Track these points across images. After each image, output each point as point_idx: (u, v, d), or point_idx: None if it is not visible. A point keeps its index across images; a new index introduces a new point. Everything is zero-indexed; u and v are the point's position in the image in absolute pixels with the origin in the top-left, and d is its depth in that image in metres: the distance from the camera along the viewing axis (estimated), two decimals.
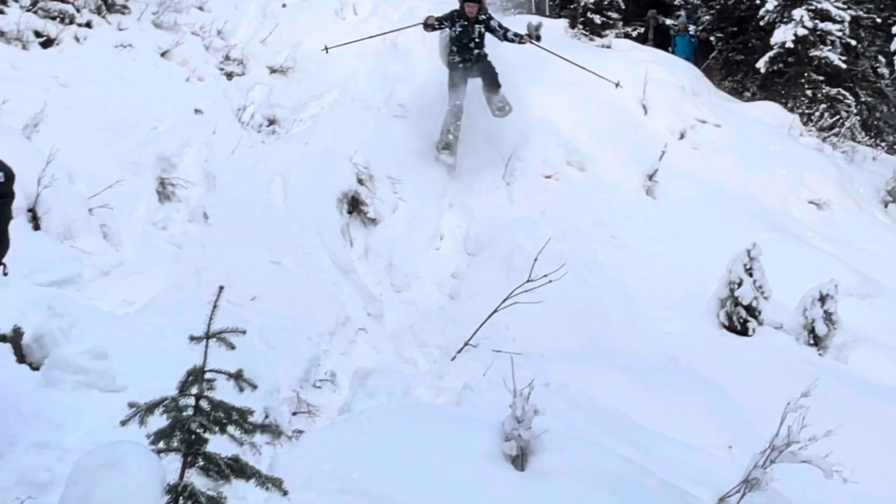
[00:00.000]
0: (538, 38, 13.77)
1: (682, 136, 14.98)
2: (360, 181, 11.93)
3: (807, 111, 19.10)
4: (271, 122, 12.67)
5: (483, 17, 12.94)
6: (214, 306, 3.77)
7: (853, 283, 11.56)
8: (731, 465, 6.81)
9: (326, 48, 13.09)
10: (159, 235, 9.53)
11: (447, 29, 12.96)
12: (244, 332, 3.86)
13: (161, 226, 9.71)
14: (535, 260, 9.35)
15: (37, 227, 8.16)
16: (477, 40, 12.93)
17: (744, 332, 10.62)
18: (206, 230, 10.00)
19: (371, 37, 13.79)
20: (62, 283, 7.47)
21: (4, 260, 5.26)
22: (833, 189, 14.85)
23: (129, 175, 9.64)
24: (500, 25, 13.06)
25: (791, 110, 18.46)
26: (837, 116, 19.00)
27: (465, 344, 9.18)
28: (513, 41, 13.04)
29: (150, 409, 3.72)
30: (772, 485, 5.92)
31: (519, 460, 5.79)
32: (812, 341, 10.40)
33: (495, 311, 9.30)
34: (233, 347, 3.78)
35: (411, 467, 5.67)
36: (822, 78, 20.12)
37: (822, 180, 14.93)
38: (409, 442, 6.06)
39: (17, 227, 7.68)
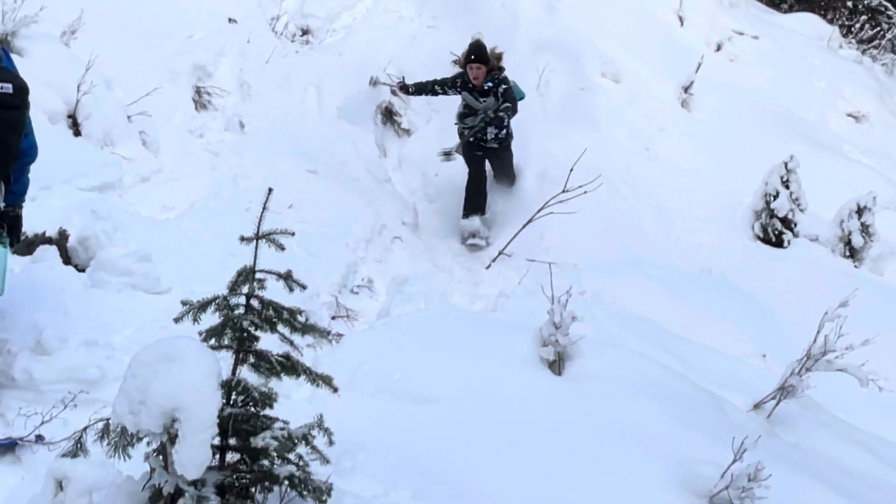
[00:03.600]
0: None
1: (718, 48, 14.80)
2: (393, 92, 11.88)
3: (847, 23, 18.74)
4: (305, 32, 12.62)
5: (491, 84, 10.10)
6: (264, 207, 3.80)
7: (891, 195, 11.48)
8: (766, 373, 6.89)
9: None
10: (196, 143, 9.56)
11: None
12: (293, 234, 3.91)
13: (198, 134, 9.75)
14: (571, 171, 9.33)
15: (77, 134, 8.21)
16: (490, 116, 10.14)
17: (779, 243, 10.62)
18: (242, 138, 10.04)
19: None
20: (104, 189, 7.53)
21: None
22: (872, 102, 14.67)
23: (166, 83, 9.65)
24: (508, 94, 10.09)
25: (830, 22, 18.12)
26: (878, 28, 18.65)
27: (500, 253, 9.24)
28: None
29: (202, 306, 3.79)
30: (807, 392, 5.98)
31: (556, 365, 5.86)
32: (848, 253, 10.39)
33: (530, 220, 9.33)
34: (282, 248, 3.83)
35: (450, 370, 5.75)
36: None
37: (860, 93, 14.75)
38: (448, 346, 6.15)
39: (58, 132, 7.81)
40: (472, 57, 10.01)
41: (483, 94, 10.10)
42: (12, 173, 5.04)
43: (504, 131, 10.32)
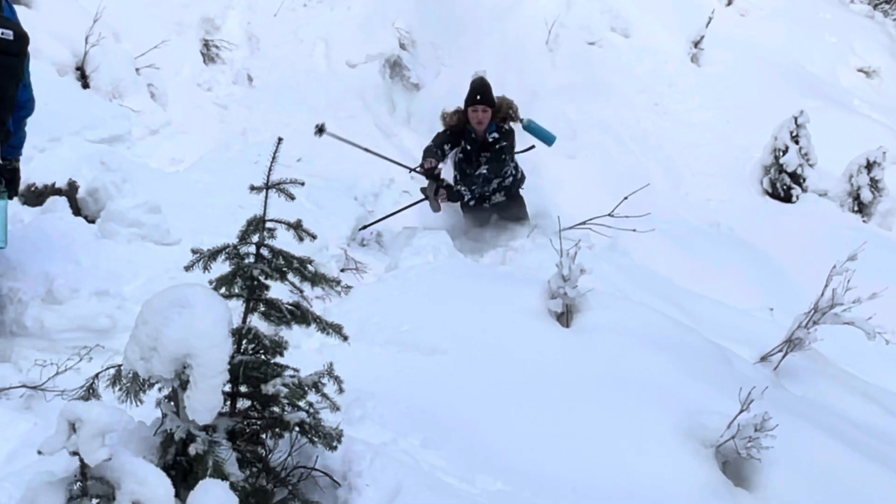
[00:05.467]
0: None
1: (729, 3, 14.68)
2: (402, 46, 11.83)
3: None
4: None
5: (497, 135, 8.34)
6: (274, 157, 3.80)
7: None
8: (773, 327, 6.90)
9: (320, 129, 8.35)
10: (205, 96, 9.58)
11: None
12: (303, 184, 3.87)
13: (206, 87, 9.76)
14: None
15: (86, 86, 8.23)
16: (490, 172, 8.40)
17: (787, 199, 10.62)
18: (250, 92, 10.05)
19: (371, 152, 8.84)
20: (112, 141, 7.57)
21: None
22: (883, 57, 14.57)
23: (174, 35, 9.65)
24: (497, 156, 8.36)
25: None
26: None
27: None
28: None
29: (213, 255, 3.79)
30: (813, 345, 6.01)
31: (564, 317, 5.88)
32: (856, 208, 10.40)
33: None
34: (292, 198, 3.81)
35: (458, 322, 5.78)
36: None
37: (871, 48, 14.64)
38: (456, 298, 6.17)
39: (67, 84, 7.81)
40: (478, 97, 8.26)
41: (485, 148, 8.40)
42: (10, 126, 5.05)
43: (510, 179, 8.64)
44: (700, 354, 5.68)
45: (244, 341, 3.72)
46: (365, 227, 8.26)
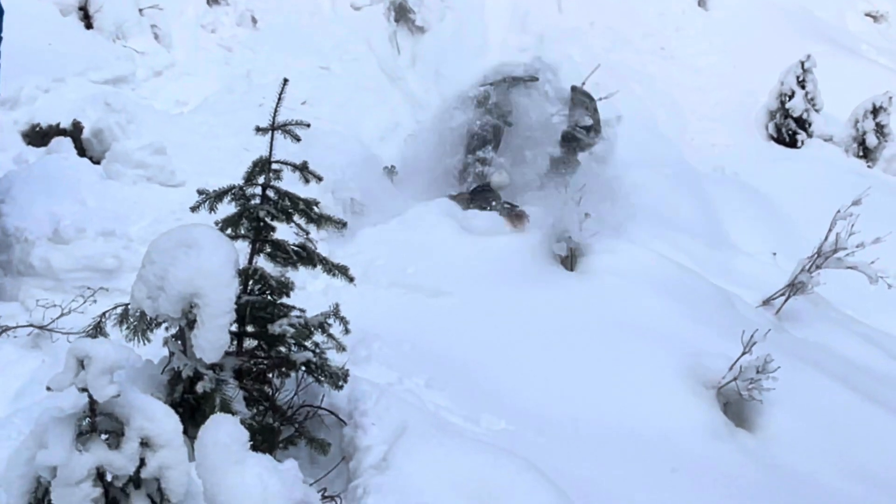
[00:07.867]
0: None
1: None
2: None
3: None
4: None
5: None
6: (279, 98, 3.78)
7: None
8: (776, 271, 6.93)
9: None
10: (209, 38, 9.49)
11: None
12: (308, 126, 3.85)
13: (210, 28, 9.67)
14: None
15: (89, 26, 8.17)
16: None
17: (792, 143, 10.59)
18: (254, 34, 9.96)
19: None
20: (117, 82, 7.53)
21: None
22: (891, 1, 14.44)
23: None
24: None
25: None
26: None
27: None
28: None
29: (218, 196, 3.78)
30: (816, 289, 6.04)
31: (568, 261, 5.91)
32: (861, 153, 10.37)
33: None
34: (298, 139, 3.79)
35: (462, 264, 5.82)
36: None
37: None
38: (460, 241, 6.20)
39: (70, 25, 7.77)
40: None
41: None
42: None
43: None
44: (703, 297, 5.72)
45: (251, 282, 3.74)
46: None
